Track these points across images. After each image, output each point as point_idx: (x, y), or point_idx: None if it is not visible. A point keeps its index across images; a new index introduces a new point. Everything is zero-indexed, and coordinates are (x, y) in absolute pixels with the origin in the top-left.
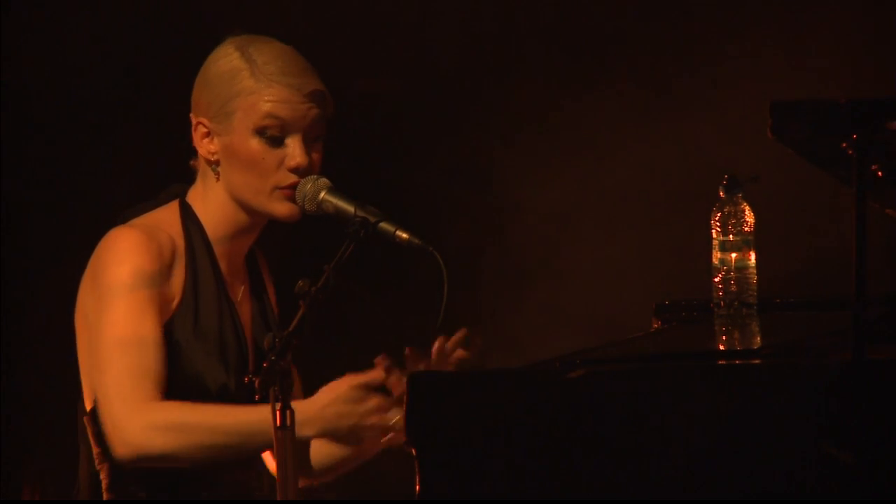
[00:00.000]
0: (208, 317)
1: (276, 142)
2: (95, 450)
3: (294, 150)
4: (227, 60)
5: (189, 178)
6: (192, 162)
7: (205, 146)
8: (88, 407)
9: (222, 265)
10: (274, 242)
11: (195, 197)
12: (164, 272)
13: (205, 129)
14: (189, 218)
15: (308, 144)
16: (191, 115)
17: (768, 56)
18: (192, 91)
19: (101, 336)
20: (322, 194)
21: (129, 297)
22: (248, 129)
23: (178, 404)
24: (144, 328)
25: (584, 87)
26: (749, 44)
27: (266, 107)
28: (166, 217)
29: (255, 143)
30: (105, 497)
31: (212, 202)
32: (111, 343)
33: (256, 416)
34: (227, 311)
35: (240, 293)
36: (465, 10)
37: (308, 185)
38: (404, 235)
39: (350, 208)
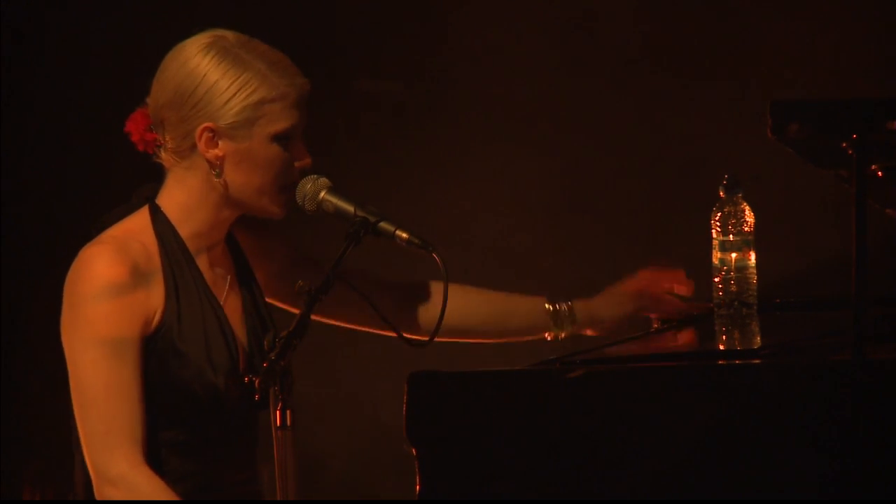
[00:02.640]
0: (192, 321)
1: (286, 143)
2: None
3: (300, 149)
4: (222, 68)
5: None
6: (155, 159)
7: (211, 151)
8: None
9: (201, 263)
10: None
11: (167, 197)
12: (140, 281)
13: (210, 135)
14: (160, 222)
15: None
16: (164, 121)
17: (768, 56)
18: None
19: (76, 351)
20: (322, 194)
21: (101, 305)
22: (268, 135)
23: (159, 483)
24: (121, 333)
25: (583, 87)
26: (749, 43)
27: (287, 114)
28: (137, 225)
29: (275, 149)
30: None
31: (192, 200)
32: (92, 389)
33: None
34: (211, 311)
35: (225, 287)
36: (467, 10)
37: (308, 184)
38: (404, 235)
39: (350, 208)
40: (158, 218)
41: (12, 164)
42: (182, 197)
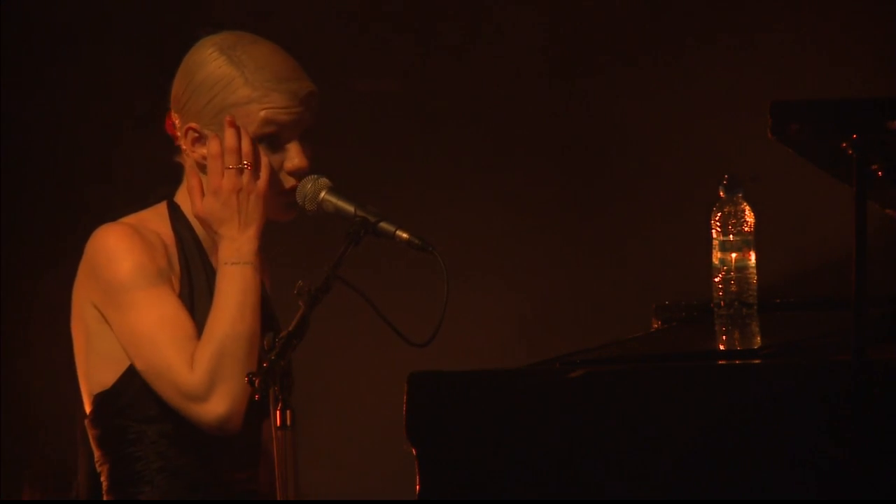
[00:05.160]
0: (203, 315)
1: (275, 146)
2: (97, 452)
3: (293, 152)
4: (214, 65)
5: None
6: (176, 158)
7: (197, 151)
8: (88, 409)
9: (214, 262)
10: (273, 242)
11: (183, 196)
12: (165, 267)
13: (196, 135)
14: (177, 218)
15: (304, 144)
16: (174, 116)
17: (768, 56)
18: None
19: (132, 329)
20: (322, 194)
21: (147, 290)
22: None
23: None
24: (174, 306)
25: (582, 86)
26: (749, 44)
27: (265, 116)
28: (153, 217)
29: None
30: (105, 499)
31: None
32: (146, 330)
33: (220, 298)
34: None
35: None
36: (467, 10)
37: (308, 184)
38: (404, 235)
39: (350, 208)
40: (177, 215)
41: (13, 166)
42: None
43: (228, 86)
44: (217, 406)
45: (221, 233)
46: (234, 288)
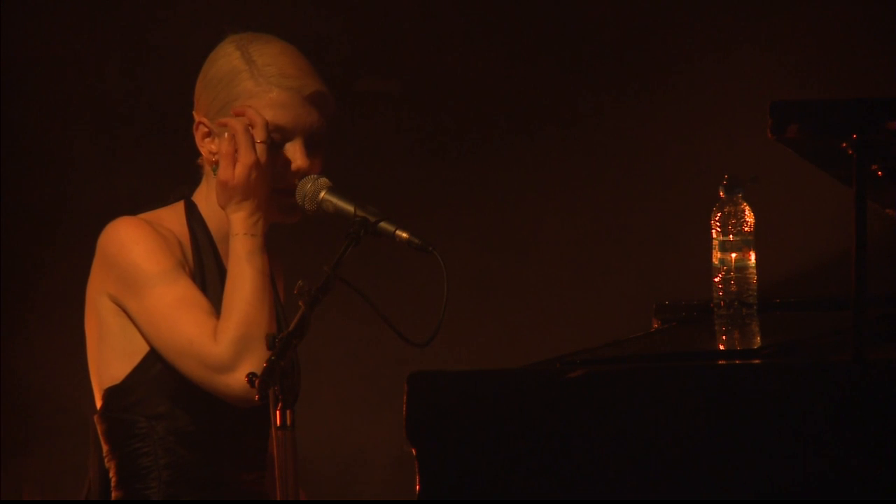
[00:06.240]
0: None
1: (276, 145)
2: (105, 447)
3: (294, 153)
4: (226, 60)
5: (199, 177)
6: (199, 160)
7: (206, 146)
8: (98, 405)
9: (226, 263)
10: (274, 242)
11: (200, 196)
12: (180, 258)
13: (205, 129)
14: (193, 217)
15: (309, 146)
16: (193, 112)
17: (768, 56)
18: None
19: (150, 311)
20: (322, 194)
21: (161, 273)
22: None
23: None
24: (189, 286)
25: (583, 87)
26: (749, 44)
27: (265, 112)
28: (169, 215)
29: (260, 148)
30: (114, 495)
31: (214, 200)
32: (165, 310)
33: (239, 269)
34: None
35: None
36: (467, 10)
37: (308, 184)
38: (404, 235)
39: (350, 208)
40: (194, 214)
41: (13, 165)
42: (207, 195)
43: (234, 80)
44: (246, 375)
45: (236, 206)
46: (254, 258)
